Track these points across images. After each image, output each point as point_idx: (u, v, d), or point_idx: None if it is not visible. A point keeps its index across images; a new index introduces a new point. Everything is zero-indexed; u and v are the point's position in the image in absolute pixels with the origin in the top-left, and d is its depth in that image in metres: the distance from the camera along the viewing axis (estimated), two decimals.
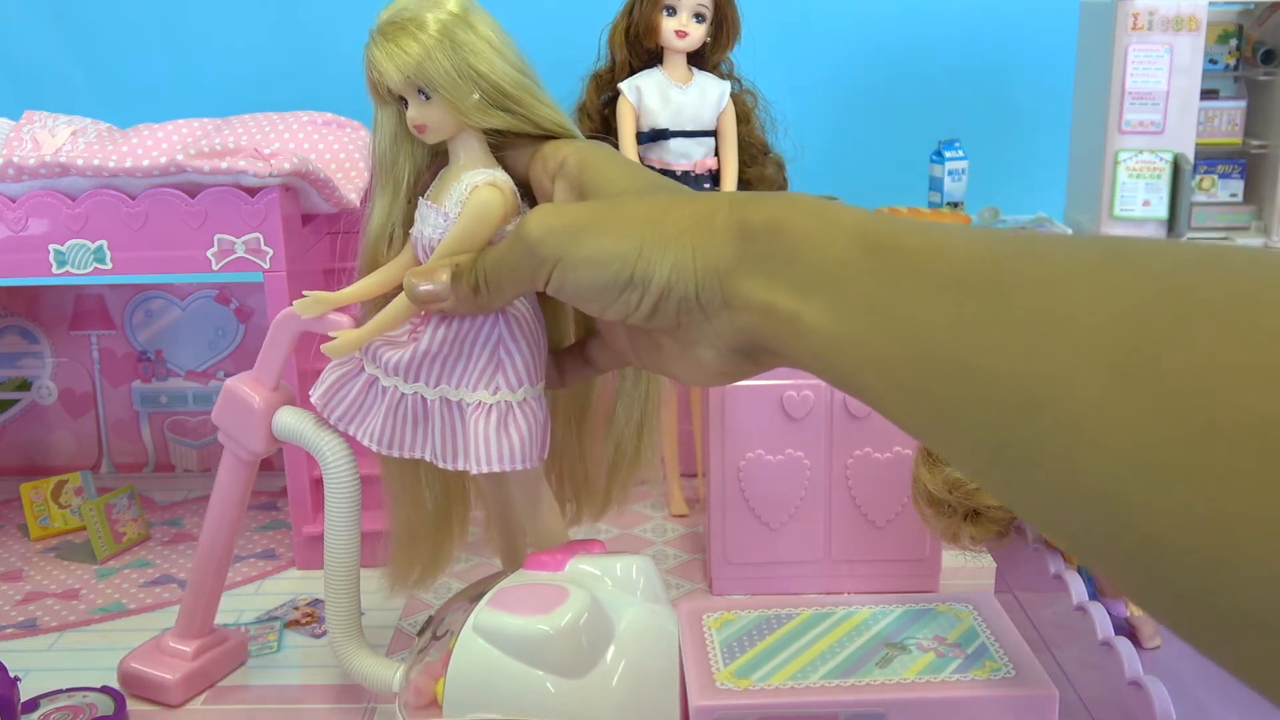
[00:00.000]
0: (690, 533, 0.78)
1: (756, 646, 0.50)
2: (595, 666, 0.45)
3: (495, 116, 0.47)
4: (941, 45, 1.14)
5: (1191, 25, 0.87)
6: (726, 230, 0.37)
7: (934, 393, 0.31)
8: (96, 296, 0.90)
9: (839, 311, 0.34)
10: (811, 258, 0.35)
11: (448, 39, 0.45)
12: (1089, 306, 0.27)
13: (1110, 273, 0.28)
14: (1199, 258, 0.28)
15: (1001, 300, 0.29)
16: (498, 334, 0.48)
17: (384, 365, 0.49)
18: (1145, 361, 0.26)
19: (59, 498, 0.81)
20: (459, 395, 0.49)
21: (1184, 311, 0.26)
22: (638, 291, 0.39)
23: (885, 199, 1.00)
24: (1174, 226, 0.90)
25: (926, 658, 0.49)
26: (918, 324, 0.31)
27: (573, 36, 0.86)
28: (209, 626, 0.60)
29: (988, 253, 0.31)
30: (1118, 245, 0.29)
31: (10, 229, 0.69)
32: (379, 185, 0.50)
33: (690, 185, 0.83)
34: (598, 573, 0.48)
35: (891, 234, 0.34)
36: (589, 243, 0.40)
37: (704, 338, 0.39)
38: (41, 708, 0.57)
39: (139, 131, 0.71)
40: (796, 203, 0.37)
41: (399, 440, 0.50)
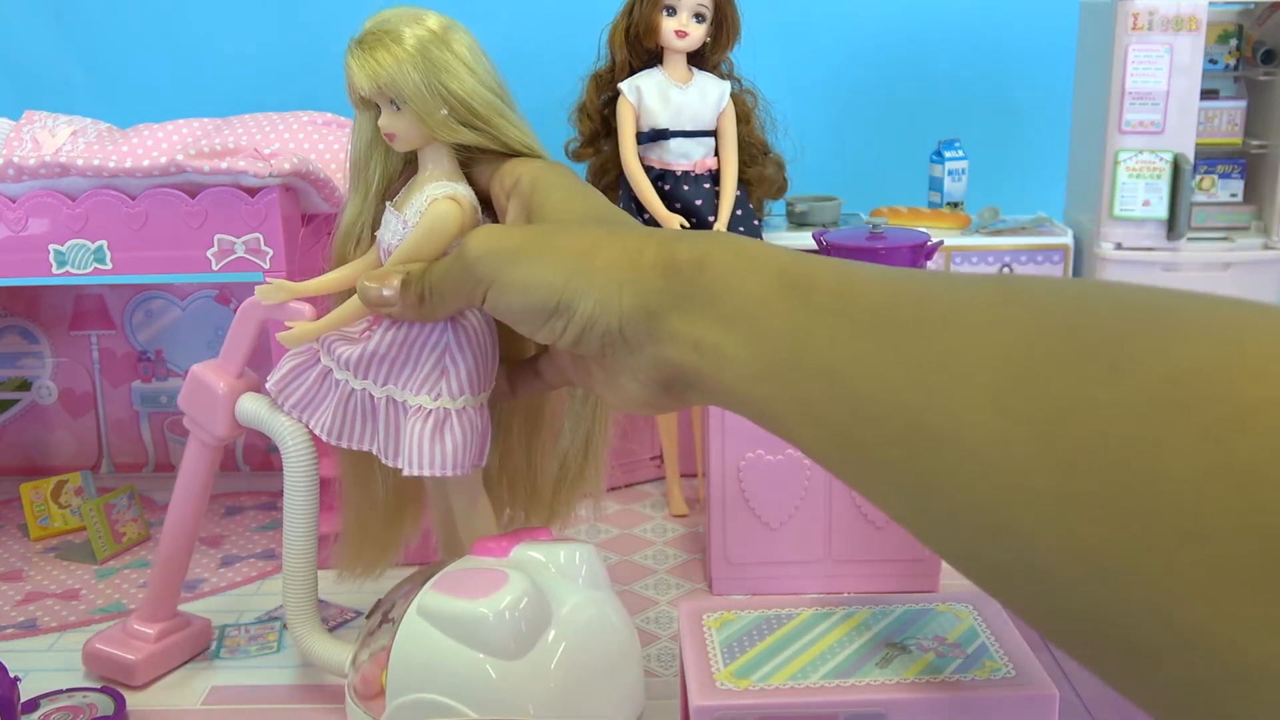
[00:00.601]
0: (690, 533, 0.78)
1: (756, 646, 0.50)
2: (534, 650, 0.46)
3: (462, 132, 0.49)
4: (941, 45, 1.14)
5: (1191, 25, 0.87)
6: (653, 268, 0.39)
7: (843, 428, 0.32)
8: (96, 296, 0.90)
9: (757, 346, 0.35)
10: (733, 294, 0.36)
11: (421, 55, 0.47)
12: (978, 344, 0.29)
13: (999, 312, 0.30)
14: (1080, 296, 0.29)
15: (902, 339, 0.31)
16: (445, 341, 0.50)
17: (337, 359, 0.51)
18: (1025, 397, 0.27)
19: (59, 498, 0.81)
20: (403, 397, 0.50)
21: (1060, 349, 0.27)
22: (563, 320, 0.41)
23: (885, 199, 1.00)
24: (1174, 226, 0.90)
25: (926, 658, 0.49)
26: (828, 361, 0.33)
27: (573, 36, 0.86)
28: (173, 610, 0.62)
29: (893, 293, 0.33)
30: (1010, 284, 0.31)
31: (10, 229, 0.69)
32: (352, 186, 0.53)
33: (691, 185, 0.83)
34: (542, 559, 0.49)
35: (807, 273, 0.35)
36: (521, 268, 0.42)
37: (627, 369, 0.41)
38: (41, 708, 0.57)
39: (139, 131, 0.71)
40: (721, 241, 0.38)
41: (348, 432, 0.52)
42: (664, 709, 0.57)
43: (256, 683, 0.61)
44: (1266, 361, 0.24)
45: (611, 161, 0.86)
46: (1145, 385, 0.25)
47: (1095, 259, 0.92)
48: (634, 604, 0.68)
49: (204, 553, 0.77)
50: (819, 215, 0.97)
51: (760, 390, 0.35)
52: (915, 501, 0.31)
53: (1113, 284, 0.30)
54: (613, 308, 0.39)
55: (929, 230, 0.88)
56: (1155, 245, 0.91)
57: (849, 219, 1.00)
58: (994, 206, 0.98)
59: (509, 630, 0.45)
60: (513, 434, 0.56)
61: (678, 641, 0.57)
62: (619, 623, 0.49)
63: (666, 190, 0.83)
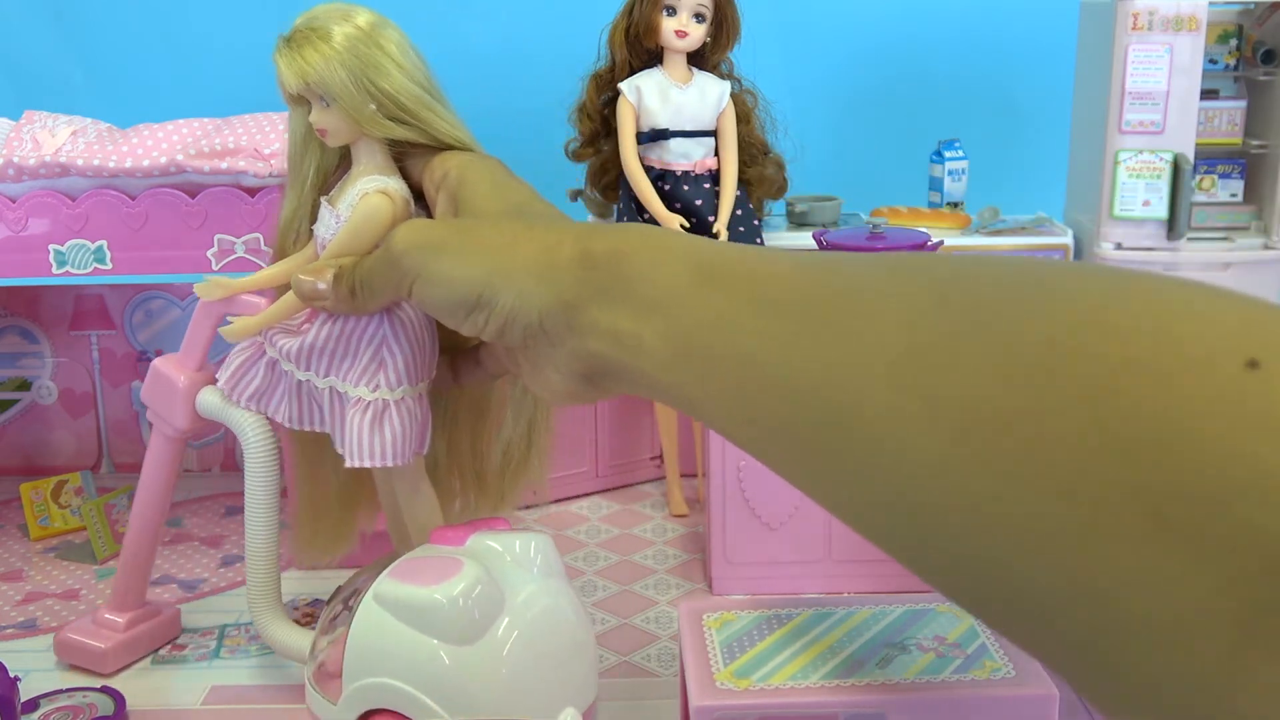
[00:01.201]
0: (690, 533, 0.78)
1: (756, 646, 0.50)
2: (486, 636, 0.47)
3: (391, 127, 0.49)
4: (941, 45, 1.14)
5: (1191, 25, 0.87)
6: (571, 261, 0.40)
7: (755, 410, 0.33)
8: (96, 296, 0.90)
9: (672, 334, 0.36)
10: (648, 284, 0.37)
11: (349, 52, 0.48)
12: (871, 322, 0.30)
13: (884, 289, 0.31)
14: (962, 271, 0.31)
15: (805, 320, 0.32)
16: (382, 334, 0.50)
17: (281, 351, 0.52)
18: (913, 370, 0.28)
19: (59, 498, 0.81)
20: (344, 388, 0.51)
21: (943, 322, 0.29)
22: (484, 314, 0.41)
23: (885, 199, 1.00)
24: (1174, 226, 0.90)
25: (926, 658, 0.49)
26: (739, 345, 0.34)
27: (573, 36, 0.86)
28: (142, 599, 0.63)
29: (798, 275, 0.34)
30: (899, 262, 0.32)
31: (10, 229, 0.69)
32: (289, 182, 0.54)
33: (691, 185, 0.83)
34: (498, 548, 0.50)
35: (717, 260, 0.36)
36: (444, 263, 0.43)
37: (550, 361, 0.41)
38: (41, 708, 0.57)
39: (139, 131, 0.71)
40: (637, 233, 0.39)
41: (306, 417, 0.53)
42: (664, 709, 0.57)
43: (256, 683, 0.61)
44: (1132, 324, 0.25)
45: (611, 161, 0.86)
46: (1020, 352, 0.26)
47: (1095, 259, 0.92)
48: (634, 604, 0.68)
49: (204, 552, 0.77)
50: (819, 215, 0.97)
51: (677, 377, 0.36)
52: (826, 478, 0.32)
53: (994, 258, 0.31)
54: (532, 301, 0.40)
55: (929, 230, 0.88)
56: (1155, 245, 0.91)
57: (849, 219, 1.00)
58: (994, 206, 0.98)
59: (461, 616, 0.46)
60: (459, 424, 0.57)
61: (678, 641, 0.57)
62: (572, 612, 0.50)
63: (666, 190, 0.83)
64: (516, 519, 0.81)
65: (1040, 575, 0.25)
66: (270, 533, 0.56)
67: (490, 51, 1.11)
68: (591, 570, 0.73)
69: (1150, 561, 0.23)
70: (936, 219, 0.97)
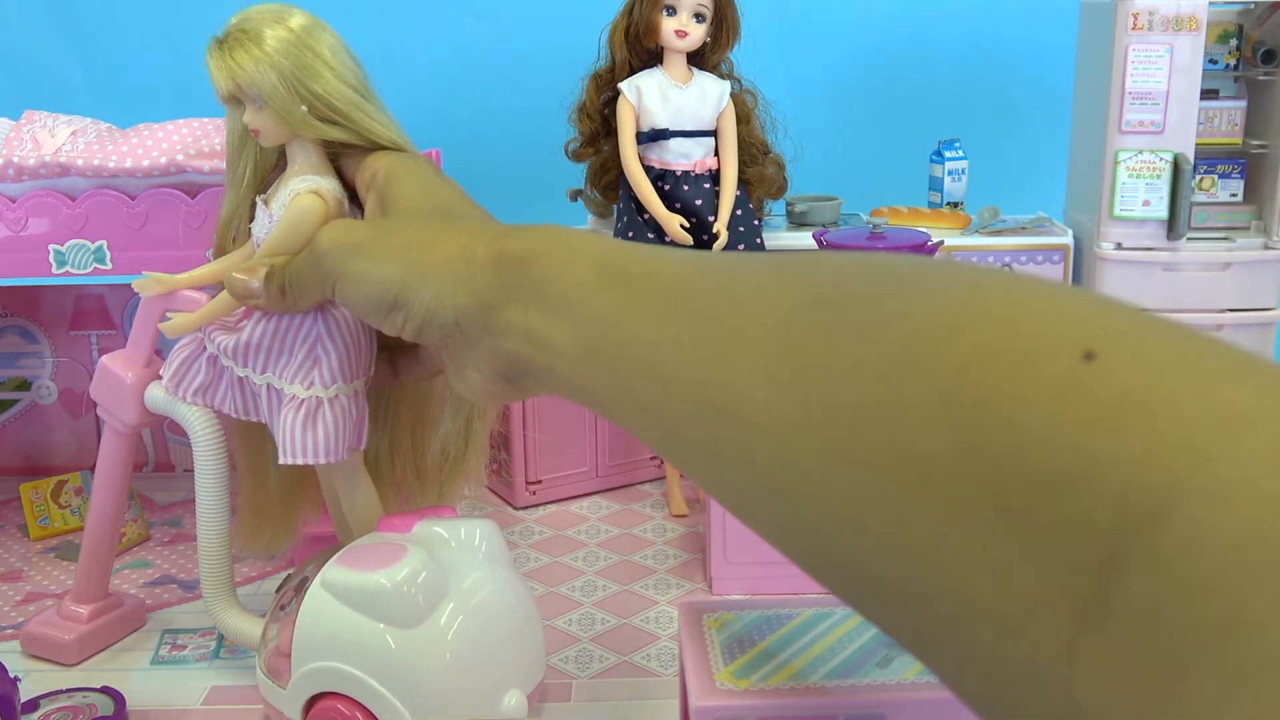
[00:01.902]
0: (690, 533, 0.78)
1: (756, 646, 0.50)
2: (431, 619, 0.48)
3: (322, 128, 0.50)
4: (942, 45, 1.14)
5: (1191, 25, 0.87)
6: (486, 262, 0.40)
7: (654, 407, 0.34)
8: (96, 296, 0.90)
9: (579, 333, 0.37)
10: (557, 284, 0.38)
11: (280, 54, 0.49)
12: (753, 318, 0.31)
13: (768, 287, 0.32)
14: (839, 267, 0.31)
15: (696, 317, 0.33)
16: (316, 332, 0.51)
17: (219, 347, 0.53)
18: (788, 365, 0.29)
19: (59, 498, 0.81)
20: (280, 384, 0.52)
21: (815, 318, 0.29)
22: (402, 314, 0.42)
23: (885, 199, 1.00)
24: (1174, 226, 0.90)
25: None
26: (639, 343, 0.34)
27: (573, 36, 0.86)
28: (104, 591, 0.64)
29: (691, 275, 0.34)
30: (781, 260, 0.33)
31: (10, 229, 0.69)
32: (227, 181, 0.55)
33: (691, 185, 0.83)
34: (445, 535, 0.51)
35: (622, 262, 0.37)
36: (363, 263, 0.43)
37: (469, 360, 0.42)
38: (41, 708, 0.57)
39: (139, 131, 0.71)
40: (548, 234, 0.40)
41: (251, 408, 0.54)
42: (664, 709, 0.57)
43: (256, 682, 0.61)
44: (981, 319, 0.26)
45: (611, 161, 0.86)
46: (885, 347, 0.27)
47: (1095, 259, 0.92)
48: (634, 604, 0.68)
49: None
50: (819, 215, 0.97)
51: (586, 376, 0.37)
52: (717, 474, 0.32)
53: (874, 256, 0.32)
54: (448, 302, 0.41)
55: (929, 230, 0.88)
56: (1155, 245, 0.91)
57: (849, 219, 1.00)
58: (994, 206, 0.98)
59: (406, 600, 0.47)
60: (400, 420, 0.58)
61: (678, 641, 0.57)
62: (515, 597, 0.51)
63: (666, 190, 0.83)
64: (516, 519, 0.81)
65: (900, 567, 0.26)
66: (220, 524, 0.57)
67: (490, 51, 1.11)
68: (591, 570, 0.73)
69: (993, 551, 0.23)
70: (936, 219, 0.97)
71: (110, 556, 0.63)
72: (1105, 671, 0.22)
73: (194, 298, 0.55)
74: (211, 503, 0.57)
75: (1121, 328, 0.24)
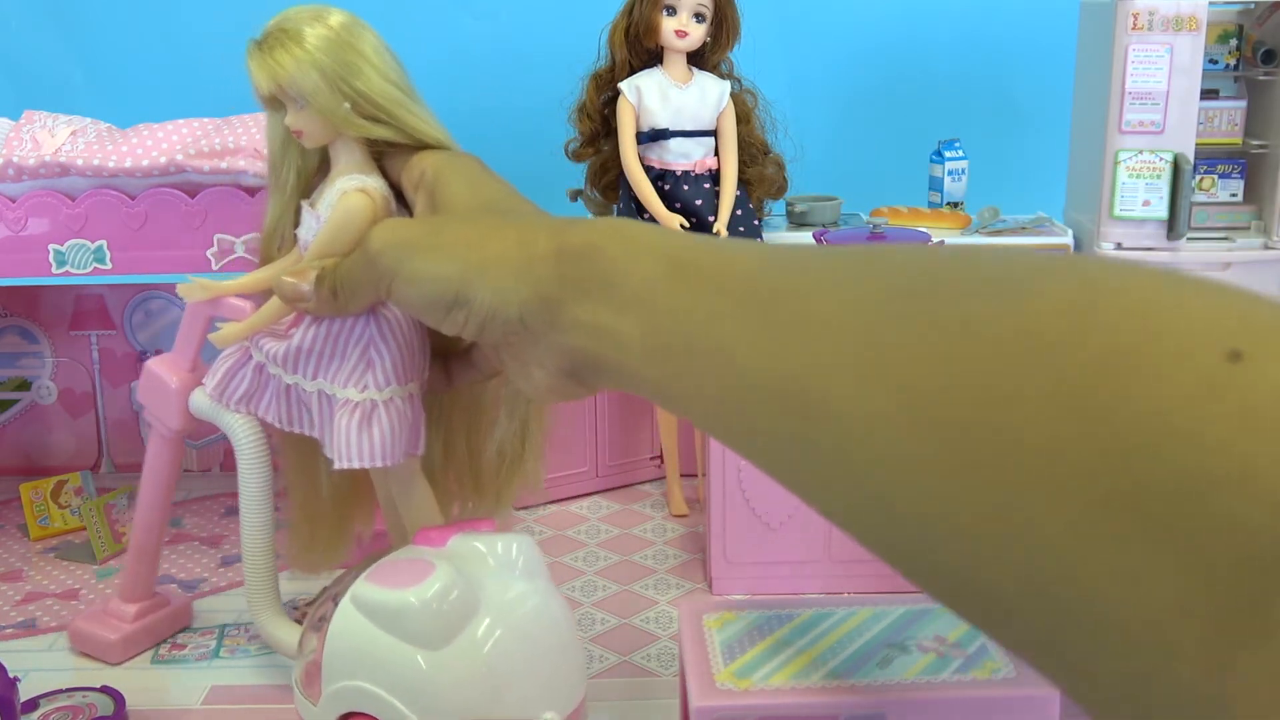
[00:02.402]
0: (690, 533, 0.78)
1: (756, 646, 0.50)
2: (463, 639, 0.46)
3: (367, 127, 0.49)
4: (941, 45, 1.14)
5: (1191, 25, 0.87)
6: (547, 256, 0.39)
7: (729, 402, 0.33)
8: (96, 296, 0.90)
9: (649, 329, 0.36)
10: (625, 279, 0.37)
11: (322, 53, 0.48)
12: (841, 310, 0.30)
13: (852, 279, 0.31)
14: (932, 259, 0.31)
15: (775, 309, 0.32)
16: (369, 334, 0.50)
17: (268, 355, 0.52)
18: (882, 361, 0.28)
19: (59, 498, 0.81)
20: (332, 390, 0.51)
21: (913, 311, 0.28)
22: (463, 312, 0.41)
23: (885, 199, 1.00)
24: (1174, 226, 0.90)
25: (927, 658, 0.49)
26: (712, 337, 0.34)
27: (573, 36, 0.86)
28: (150, 591, 0.64)
29: (765, 268, 0.34)
30: (869, 251, 0.32)
31: (10, 229, 0.69)
32: (270, 188, 0.54)
33: (691, 185, 0.83)
34: (482, 549, 0.49)
35: (690, 255, 0.36)
36: (419, 261, 0.43)
37: (533, 358, 0.41)
38: (41, 708, 0.57)
39: (139, 131, 0.71)
40: (608, 228, 0.39)
41: (296, 419, 0.53)
42: (664, 709, 0.57)
43: (256, 682, 0.61)
44: (1110, 315, 0.24)
45: (611, 161, 0.86)
46: (997, 339, 0.25)
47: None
48: (634, 604, 0.68)
49: (204, 552, 0.77)
50: (819, 215, 0.97)
51: (657, 371, 0.36)
52: (800, 472, 0.32)
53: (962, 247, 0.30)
54: (510, 298, 0.40)
55: (929, 230, 0.88)
56: (1155, 245, 0.91)
57: (849, 219, 1.00)
58: (994, 206, 0.98)
59: (435, 619, 0.45)
60: (454, 425, 0.57)
61: (678, 641, 0.57)
62: (555, 614, 0.49)
63: (666, 190, 0.83)
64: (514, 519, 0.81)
65: (1016, 575, 0.24)
66: (266, 532, 0.56)
67: (490, 51, 1.11)
68: (591, 570, 0.73)
69: (1129, 559, 0.22)
70: (936, 219, 0.97)
71: (156, 556, 0.64)
72: (1256, 677, 0.21)
73: (238, 305, 0.54)
74: (256, 509, 0.56)
75: (1267, 324, 0.23)
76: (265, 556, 0.57)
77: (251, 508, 0.56)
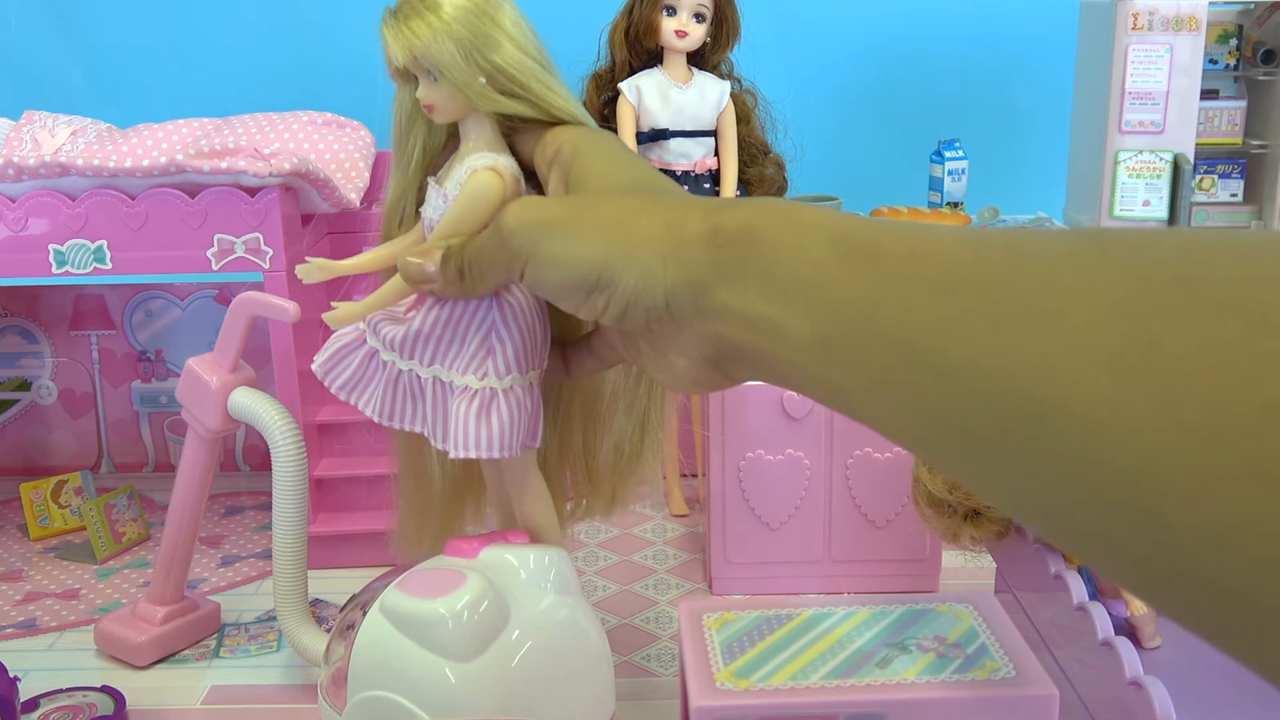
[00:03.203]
0: (690, 533, 0.78)
1: (756, 646, 0.50)
2: (493, 652, 0.45)
3: (501, 102, 0.47)
4: (941, 45, 1.14)
5: (1191, 25, 0.87)
6: (699, 238, 0.37)
7: (926, 402, 0.30)
8: (96, 296, 0.90)
9: (819, 319, 0.33)
10: (788, 265, 0.34)
11: (459, 23, 0.46)
12: (1079, 302, 0.26)
13: (1096, 266, 0.27)
14: (1181, 245, 0.27)
15: (992, 300, 0.28)
16: (491, 319, 0.48)
17: (384, 339, 0.49)
18: (1147, 358, 0.24)
19: (59, 498, 0.81)
20: (449, 377, 0.49)
21: (1182, 302, 0.25)
22: (605, 295, 0.39)
23: (885, 199, 1.00)
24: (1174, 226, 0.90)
25: (926, 658, 0.49)
26: (903, 330, 0.30)
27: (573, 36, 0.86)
28: (179, 595, 0.64)
29: (973, 253, 0.30)
30: (1102, 237, 0.28)
31: (10, 229, 0.69)
32: (394, 163, 0.51)
33: (690, 185, 0.83)
34: (514, 562, 0.48)
35: (870, 238, 0.33)
36: (559, 242, 0.40)
37: (675, 345, 0.39)
38: (41, 707, 0.57)
39: (139, 131, 0.71)
40: (769, 208, 0.36)
41: (398, 413, 0.50)
42: (664, 709, 0.57)
43: (256, 682, 0.61)
44: None
45: None
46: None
47: None
48: (634, 604, 0.68)
49: (204, 553, 0.77)
50: None
51: (824, 367, 0.33)
52: (1016, 480, 0.28)
53: (1223, 232, 0.27)
54: (656, 282, 0.37)
55: None
56: None
57: None
58: (994, 206, 0.98)
59: (461, 631, 0.44)
60: (571, 418, 0.54)
61: (678, 641, 0.57)
62: (586, 627, 0.48)
63: None
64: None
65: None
66: (298, 535, 0.56)
67: None
68: (591, 570, 0.73)
69: None
70: (937, 219, 0.97)
71: (187, 560, 0.63)
72: None
73: (281, 307, 0.53)
74: (290, 515, 0.56)
75: None
76: (296, 560, 0.56)
77: (286, 509, 0.55)
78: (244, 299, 0.56)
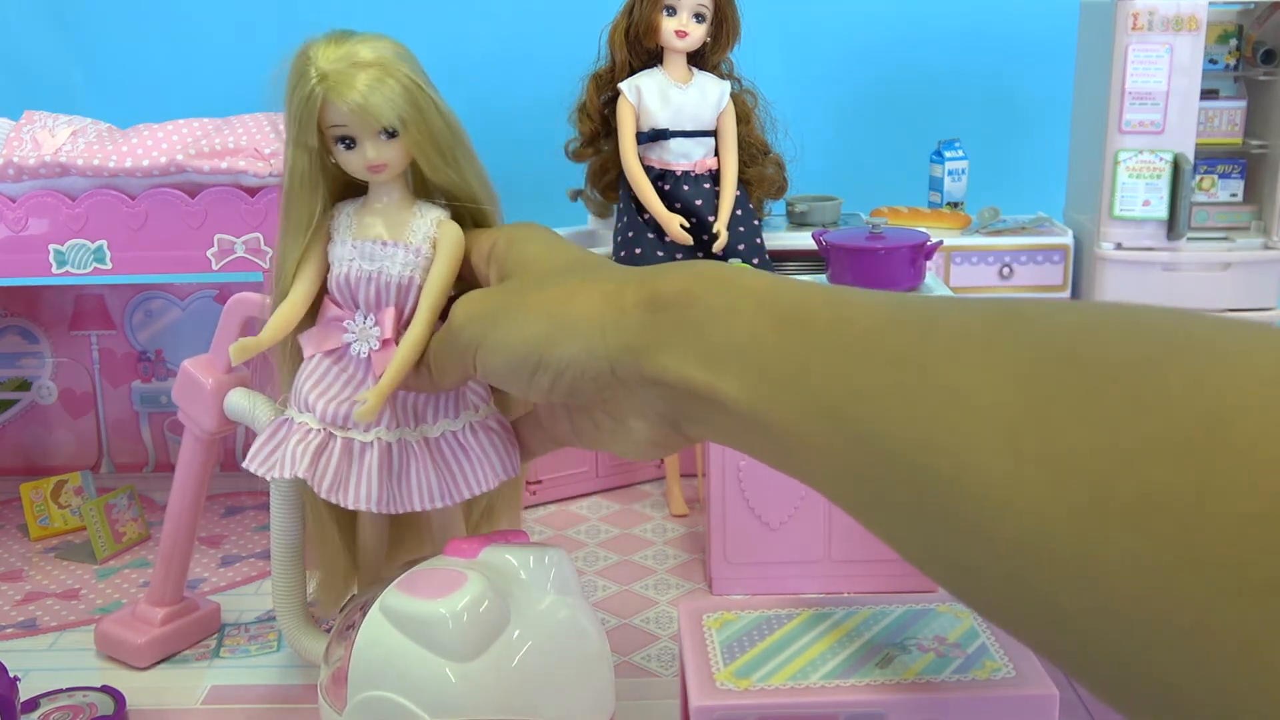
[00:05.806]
0: (690, 533, 0.78)
1: (756, 646, 0.50)
2: (493, 652, 0.45)
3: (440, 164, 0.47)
4: (942, 45, 1.14)
5: (1191, 25, 0.87)
6: (636, 305, 0.38)
7: (848, 467, 0.31)
8: (96, 296, 0.90)
9: (752, 384, 0.34)
10: (722, 330, 0.35)
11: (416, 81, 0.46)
12: (983, 376, 0.27)
13: (995, 340, 0.28)
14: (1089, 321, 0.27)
15: (903, 371, 0.29)
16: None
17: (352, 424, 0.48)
18: (1037, 435, 0.25)
19: (59, 498, 0.81)
20: (438, 429, 0.49)
21: (1074, 381, 0.25)
22: (548, 374, 0.40)
23: (885, 199, 1.00)
24: (1174, 226, 0.90)
25: (926, 658, 0.49)
26: (828, 396, 0.31)
27: (573, 36, 0.86)
28: (179, 595, 0.63)
29: (890, 321, 0.31)
30: (1012, 308, 0.29)
31: (10, 229, 0.69)
32: (286, 228, 0.49)
33: (691, 185, 0.83)
34: (514, 562, 0.48)
35: (799, 303, 0.34)
36: (502, 328, 0.41)
37: (631, 409, 0.40)
38: (41, 707, 0.57)
39: (139, 131, 0.71)
40: (705, 274, 0.37)
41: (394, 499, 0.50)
42: (664, 709, 0.57)
43: (256, 682, 0.61)
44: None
45: (611, 161, 0.86)
46: (1179, 423, 0.23)
47: (1095, 259, 0.92)
48: (634, 604, 0.68)
49: (204, 553, 0.77)
50: (819, 215, 0.97)
51: (760, 429, 0.34)
52: (928, 546, 0.29)
53: (1120, 307, 0.28)
54: (598, 351, 0.38)
55: (929, 230, 0.88)
56: (1155, 245, 0.91)
57: (849, 219, 1.00)
58: (994, 206, 0.98)
59: (461, 632, 0.44)
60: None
61: (678, 641, 0.57)
62: (586, 627, 0.48)
63: (666, 190, 0.83)
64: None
65: (1197, 678, 0.22)
66: (294, 535, 0.56)
67: (490, 51, 1.11)
68: (592, 570, 0.73)
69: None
70: (936, 219, 0.97)
71: (186, 561, 0.63)
72: None
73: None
74: (285, 515, 0.55)
75: None
76: (294, 560, 0.56)
77: (282, 511, 0.55)
78: (238, 300, 0.56)
